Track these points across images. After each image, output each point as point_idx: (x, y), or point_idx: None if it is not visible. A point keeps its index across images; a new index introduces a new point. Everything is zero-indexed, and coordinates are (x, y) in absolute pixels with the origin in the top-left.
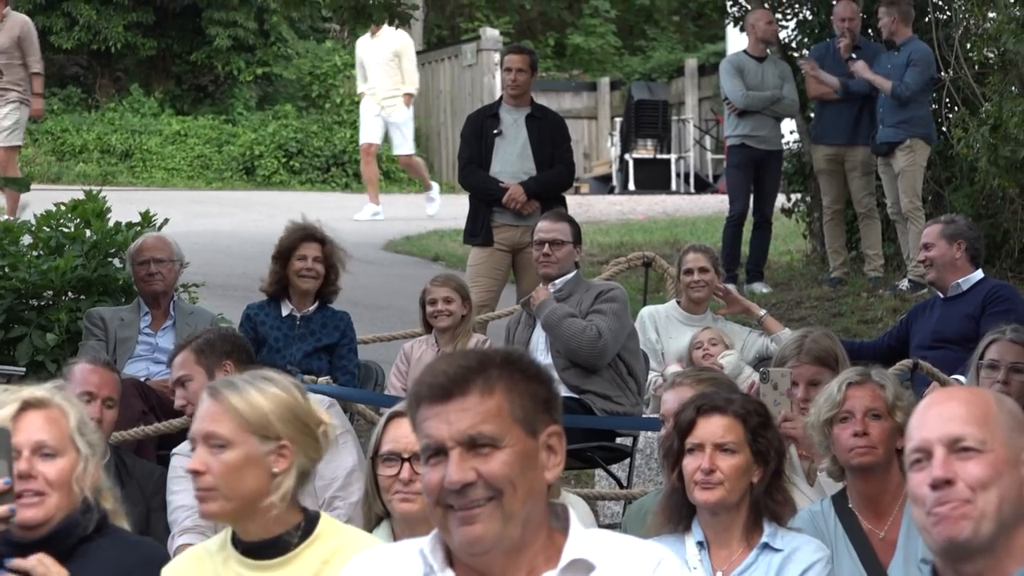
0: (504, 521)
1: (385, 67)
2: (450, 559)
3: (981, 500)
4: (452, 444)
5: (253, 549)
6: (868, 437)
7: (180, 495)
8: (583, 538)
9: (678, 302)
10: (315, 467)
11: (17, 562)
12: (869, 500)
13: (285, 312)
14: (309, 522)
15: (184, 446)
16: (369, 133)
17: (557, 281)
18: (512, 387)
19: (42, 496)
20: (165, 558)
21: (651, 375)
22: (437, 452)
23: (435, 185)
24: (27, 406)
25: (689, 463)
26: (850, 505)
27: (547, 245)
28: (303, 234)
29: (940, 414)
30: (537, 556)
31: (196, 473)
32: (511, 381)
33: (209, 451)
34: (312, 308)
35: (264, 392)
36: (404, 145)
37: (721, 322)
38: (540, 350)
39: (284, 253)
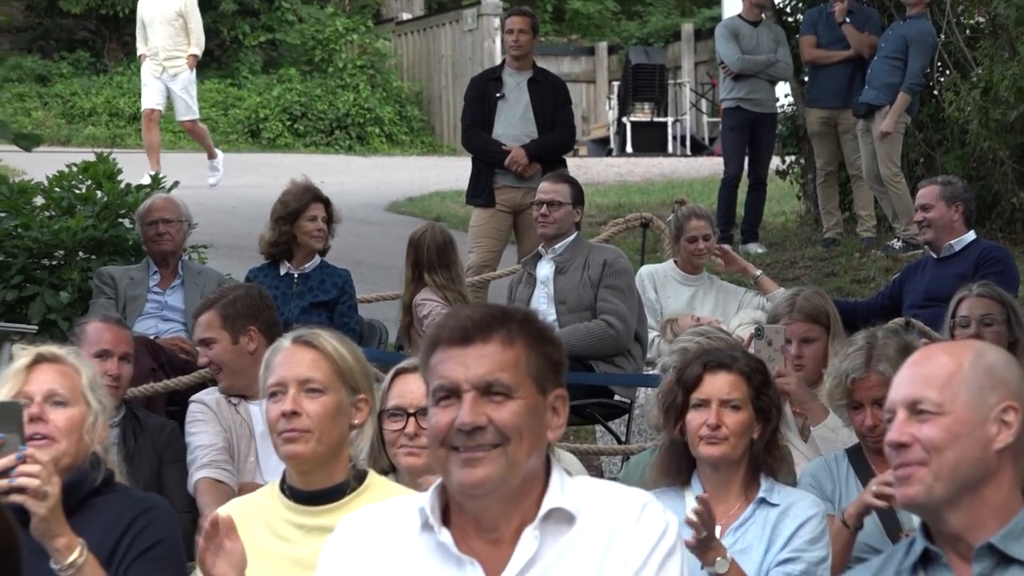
0: (508, 467)
1: (168, 27)
2: (446, 518)
3: (936, 462)
4: (468, 387)
5: (306, 497)
6: (879, 427)
7: (199, 436)
8: (564, 487)
9: (675, 262)
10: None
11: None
12: (884, 459)
13: (283, 271)
14: (359, 475)
15: (203, 393)
16: (150, 98)
17: (557, 246)
18: (530, 344)
19: (50, 440)
20: (171, 511)
21: (651, 334)
22: (450, 394)
23: (220, 154)
24: (41, 359)
25: (694, 418)
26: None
27: (545, 206)
28: (312, 195)
29: (908, 375)
30: (528, 511)
31: (293, 414)
32: (530, 338)
33: (304, 395)
34: (310, 265)
35: (347, 345)
36: (187, 111)
37: (718, 281)
38: (542, 308)
39: (293, 214)
